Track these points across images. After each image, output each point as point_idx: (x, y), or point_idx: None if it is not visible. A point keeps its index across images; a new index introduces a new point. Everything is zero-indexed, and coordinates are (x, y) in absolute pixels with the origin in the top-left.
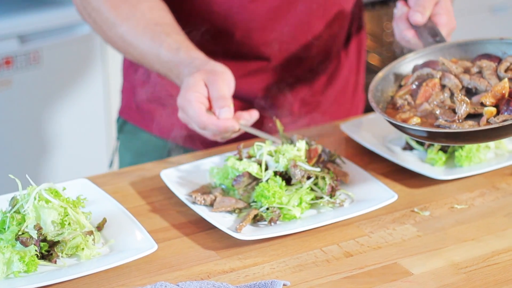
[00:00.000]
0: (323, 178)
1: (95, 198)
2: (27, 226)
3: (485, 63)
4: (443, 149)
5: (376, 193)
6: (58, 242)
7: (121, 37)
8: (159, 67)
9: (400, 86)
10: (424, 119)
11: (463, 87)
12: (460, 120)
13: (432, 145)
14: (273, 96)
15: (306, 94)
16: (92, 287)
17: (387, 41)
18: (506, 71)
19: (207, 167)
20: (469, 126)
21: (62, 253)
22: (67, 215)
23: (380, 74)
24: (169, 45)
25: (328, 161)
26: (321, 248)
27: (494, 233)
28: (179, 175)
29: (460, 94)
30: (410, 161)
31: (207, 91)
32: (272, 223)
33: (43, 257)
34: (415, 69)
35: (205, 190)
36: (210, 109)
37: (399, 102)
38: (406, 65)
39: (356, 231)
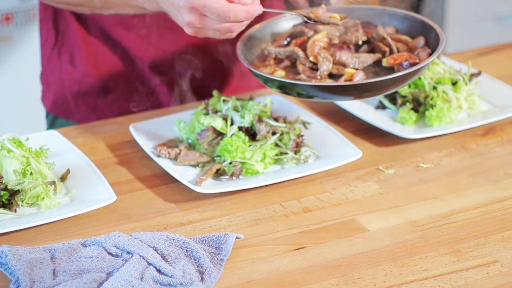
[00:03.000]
0: (288, 133)
1: (63, 149)
2: None
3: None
4: (415, 109)
5: (341, 150)
6: (18, 191)
7: None
8: None
9: (274, 40)
10: (289, 74)
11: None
12: (321, 77)
13: (404, 104)
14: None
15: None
16: (50, 236)
17: None
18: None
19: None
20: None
21: (22, 202)
22: (29, 165)
23: (257, 26)
24: None
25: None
26: (281, 203)
27: (456, 192)
28: (148, 129)
29: (323, 52)
30: (381, 120)
31: None
32: (234, 177)
33: (3, 205)
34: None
35: (171, 144)
36: None
37: (266, 52)
38: (285, 22)
39: (318, 187)
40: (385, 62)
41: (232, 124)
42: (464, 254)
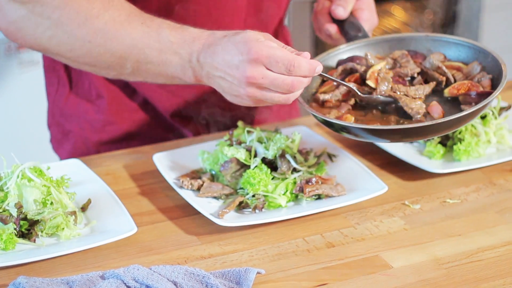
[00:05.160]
0: (311, 172)
1: (84, 178)
2: (8, 204)
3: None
4: (442, 143)
5: (367, 184)
6: (38, 221)
7: (99, 31)
8: (155, 55)
9: (323, 81)
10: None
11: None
12: (378, 96)
13: (432, 138)
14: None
15: None
16: (69, 267)
17: None
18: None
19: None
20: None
21: (42, 232)
22: (49, 195)
23: None
24: (170, 25)
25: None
26: (304, 238)
27: (483, 229)
28: (172, 159)
29: (384, 73)
30: (408, 153)
31: None
32: (257, 211)
33: (23, 235)
34: (338, 63)
35: (194, 175)
36: None
37: (321, 98)
38: (330, 59)
39: (342, 222)
40: (447, 93)
41: (255, 156)
42: None
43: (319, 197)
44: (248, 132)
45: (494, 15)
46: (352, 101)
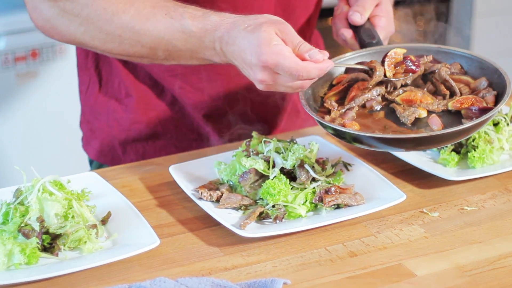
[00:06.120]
0: (328, 182)
1: (102, 191)
2: (30, 218)
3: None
4: (456, 150)
5: (385, 193)
6: (60, 235)
7: (126, 26)
8: (182, 44)
9: (331, 86)
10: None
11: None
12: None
13: (446, 145)
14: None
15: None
16: (93, 281)
17: None
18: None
19: None
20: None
21: (64, 246)
22: (70, 208)
23: None
24: (192, 14)
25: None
26: (326, 247)
27: (503, 236)
28: (188, 171)
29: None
30: (423, 161)
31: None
32: (277, 221)
33: (45, 249)
34: (347, 70)
35: (212, 186)
36: None
37: (327, 103)
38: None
39: (362, 231)
40: (451, 106)
41: (274, 166)
42: None
43: (338, 206)
44: (265, 142)
45: (485, 21)
46: (356, 108)
